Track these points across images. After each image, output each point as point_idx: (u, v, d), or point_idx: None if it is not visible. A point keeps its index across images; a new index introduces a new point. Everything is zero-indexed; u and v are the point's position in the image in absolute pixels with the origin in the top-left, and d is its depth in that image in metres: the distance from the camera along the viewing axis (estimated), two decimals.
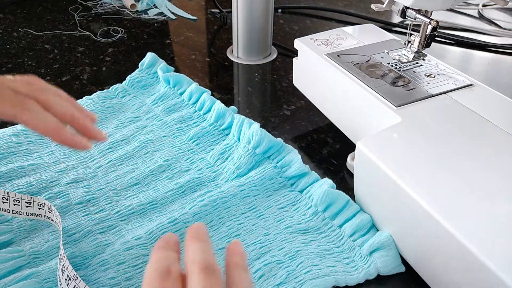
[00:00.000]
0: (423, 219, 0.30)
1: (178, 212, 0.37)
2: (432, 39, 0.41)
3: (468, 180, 0.31)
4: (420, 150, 0.34)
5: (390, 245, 0.34)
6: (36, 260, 0.34)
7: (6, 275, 0.32)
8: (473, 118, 0.36)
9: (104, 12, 0.77)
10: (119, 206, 0.39)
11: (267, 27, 0.61)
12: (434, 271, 0.31)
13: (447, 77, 0.42)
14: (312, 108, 0.51)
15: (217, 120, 0.47)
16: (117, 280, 0.32)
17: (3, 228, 0.36)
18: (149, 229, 0.36)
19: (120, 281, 0.32)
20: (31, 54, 0.63)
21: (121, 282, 0.32)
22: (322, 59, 0.45)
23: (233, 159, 0.43)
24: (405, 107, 0.38)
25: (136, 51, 0.65)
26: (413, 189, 0.31)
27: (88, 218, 0.37)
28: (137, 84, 0.55)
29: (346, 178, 0.43)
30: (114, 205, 0.39)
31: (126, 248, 0.34)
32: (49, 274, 0.32)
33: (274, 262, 0.34)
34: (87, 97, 0.52)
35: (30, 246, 0.35)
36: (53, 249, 0.35)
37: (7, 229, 0.36)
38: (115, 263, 0.33)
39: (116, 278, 0.32)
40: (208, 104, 0.49)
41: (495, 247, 0.27)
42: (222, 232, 0.36)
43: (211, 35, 0.71)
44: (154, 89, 0.54)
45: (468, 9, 0.79)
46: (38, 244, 0.35)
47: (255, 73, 0.61)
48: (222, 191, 0.39)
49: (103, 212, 0.38)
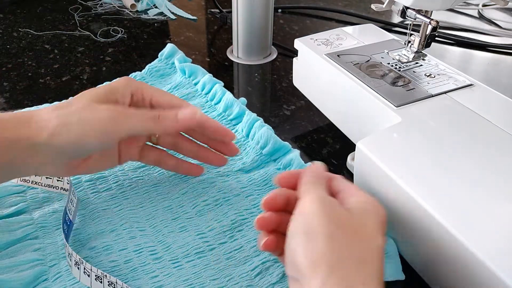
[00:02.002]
0: (423, 219, 0.30)
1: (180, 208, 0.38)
2: (432, 39, 0.41)
3: (468, 180, 0.31)
4: (420, 150, 0.34)
5: (392, 251, 0.33)
6: (43, 229, 0.36)
7: (14, 243, 0.34)
8: (473, 118, 0.36)
9: (104, 12, 0.77)
10: (125, 186, 0.40)
11: (267, 27, 0.61)
12: (436, 273, 0.31)
13: (447, 77, 0.42)
14: (312, 108, 0.51)
15: (225, 110, 0.49)
16: (117, 263, 0.34)
17: (17, 199, 0.38)
18: (153, 223, 0.37)
19: (120, 263, 0.34)
20: (31, 54, 0.63)
21: (120, 264, 0.33)
22: (322, 59, 0.45)
23: (239, 154, 0.44)
24: (405, 107, 0.38)
25: (136, 51, 0.65)
26: (413, 189, 0.31)
27: (96, 195, 0.39)
28: (156, 73, 0.57)
29: (346, 178, 0.43)
30: (120, 184, 0.40)
31: (130, 237, 0.35)
32: (53, 249, 0.34)
33: (272, 261, 0.34)
34: (107, 83, 0.53)
35: (39, 214, 0.37)
36: (59, 220, 0.36)
37: (21, 200, 0.38)
38: (118, 248, 0.34)
39: (116, 261, 0.34)
40: (219, 94, 0.50)
41: (496, 248, 0.27)
42: (225, 226, 0.36)
43: (211, 35, 0.71)
44: (171, 79, 0.56)
45: (468, 9, 0.79)
46: (47, 213, 0.37)
47: (255, 73, 0.61)
48: (224, 192, 0.39)
49: (110, 191, 0.40)
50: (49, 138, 0.30)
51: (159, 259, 0.34)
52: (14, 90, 0.55)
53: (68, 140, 0.31)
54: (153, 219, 0.37)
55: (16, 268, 0.32)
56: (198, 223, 0.37)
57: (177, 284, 0.32)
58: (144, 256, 0.34)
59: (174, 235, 0.36)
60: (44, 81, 0.57)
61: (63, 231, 0.34)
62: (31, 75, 0.58)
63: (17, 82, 0.57)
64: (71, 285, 0.31)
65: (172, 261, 0.34)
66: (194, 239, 0.35)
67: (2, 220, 0.36)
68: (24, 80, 0.57)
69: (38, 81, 0.57)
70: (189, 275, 0.33)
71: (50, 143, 0.30)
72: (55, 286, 0.32)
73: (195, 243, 0.35)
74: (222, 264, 0.33)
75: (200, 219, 0.37)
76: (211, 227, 0.36)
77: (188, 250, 0.34)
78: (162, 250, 0.34)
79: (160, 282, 0.32)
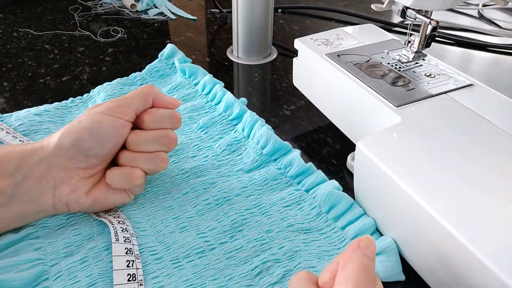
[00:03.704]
0: (423, 219, 0.30)
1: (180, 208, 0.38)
2: (432, 39, 0.41)
3: (468, 180, 0.31)
4: (420, 150, 0.34)
5: (393, 251, 0.33)
6: (44, 229, 0.36)
7: (15, 242, 0.34)
8: (473, 118, 0.36)
9: (104, 12, 0.77)
10: None
11: (267, 27, 0.61)
12: (436, 274, 0.31)
13: (447, 77, 0.42)
14: (312, 108, 0.51)
15: (226, 110, 0.49)
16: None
17: None
18: (154, 223, 0.37)
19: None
20: (31, 54, 0.63)
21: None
22: (322, 59, 0.45)
23: (240, 154, 0.44)
24: (405, 107, 0.38)
25: (136, 51, 0.65)
26: (414, 189, 0.31)
27: None
28: (156, 73, 0.57)
29: (346, 178, 0.43)
30: None
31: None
32: (54, 248, 0.34)
33: (273, 261, 0.34)
34: (107, 83, 0.54)
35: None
36: (60, 220, 0.37)
37: None
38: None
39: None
40: (219, 95, 0.50)
41: (497, 248, 0.27)
42: (226, 225, 0.36)
43: (211, 35, 0.71)
44: (171, 79, 0.56)
45: (468, 9, 0.79)
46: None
47: (255, 73, 0.61)
48: (225, 192, 0.39)
49: None
50: (57, 141, 0.34)
51: (159, 259, 0.34)
52: (14, 90, 0.55)
53: (70, 139, 0.34)
54: (153, 219, 0.37)
55: (17, 267, 0.32)
56: (199, 223, 0.37)
57: (178, 285, 0.32)
58: (144, 256, 0.34)
59: (175, 235, 0.36)
60: (44, 81, 0.57)
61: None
62: (31, 75, 0.58)
63: (17, 82, 0.57)
64: (71, 284, 0.32)
65: (173, 261, 0.34)
66: (195, 239, 0.35)
67: None
68: (24, 80, 0.57)
69: (38, 81, 0.57)
70: (189, 275, 0.33)
71: (57, 146, 0.34)
72: (55, 285, 0.32)
73: (196, 243, 0.35)
74: (222, 264, 0.34)
75: (201, 219, 0.37)
76: (211, 227, 0.36)
77: (188, 250, 0.34)
78: (162, 250, 0.34)
79: (160, 282, 0.32)
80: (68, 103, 0.50)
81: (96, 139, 0.34)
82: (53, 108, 0.49)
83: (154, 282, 0.32)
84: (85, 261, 0.33)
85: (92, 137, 0.34)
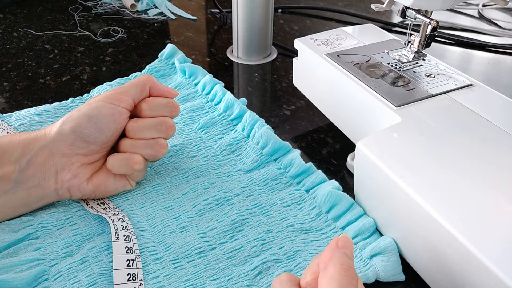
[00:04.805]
0: (423, 219, 0.30)
1: (180, 208, 0.38)
2: (432, 39, 0.41)
3: (469, 180, 0.31)
4: (420, 150, 0.34)
5: (393, 251, 0.33)
6: (44, 229, 0.36)
7: (15, 243, 0.34)
8: (473, 118, 0.36)
9: (104, 12, 0.77)
10: None
11: (267, 27, 0.61)
12: (436, 274, 0.31)
13: (447, 77, 0.42)
14: (312, 108, 0.51)
15: (226, 110, 0.49)
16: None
17: None
18: (154, 223, 0.37)
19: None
20: (31, 54, 0.63)
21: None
22: (322, 59, 0.45)
23: (240, 154, 0.44)
24: (405, 107, 0.38)
25: (136, 51, 0.65)
26: (414, 189, 0.31)
27: None
28: (156, 73, 0.57)
29: (346, 178, 0.43)
30: None
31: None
32: (54, 249, 0.34)
33: (273, 261, 0.34)
34: (107, 83, 0.54)
35: (40, 215, 0.37)
36: (59, 220, 0.36)
37: None
38: None
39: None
40: (219, 95, 0.50)
41: (497, 248, 0.27)
42: (226, 225, 0.36)
43: (211, 35, 0.72)
44: (171, 79, 0.56)
45: (468, 9, 0.79)
46: (48, 213, 0.37)
47: (255, 73, 0.61)
48: (225, 192, 0.39)
49: None
50: (59, 128, 0.35)
51: (159, 259, 0.34)
52: (14, 90, 0.55)
53: (70, 126, 0.35)
54: (153, 219, 0.37)
55: (17, 268, 0.32)
56: (199, 223, 0.37)
57: (178, 285, 0.32)
58: (144, 256, 0.34)
59: (175, 235, 0.36)
60: (44, 81, 0.57)
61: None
62: (31, 75, 0.58)
63: (17, 82, 0.57)
64: (71, 284, 0.32)
65: (173, 261, 0.34)
66: (195, 239, 0.35)
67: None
68: (24, 80, 0.57)
69: (38, 81, 0.57)
70: (189, 275, 0.33)
71: (58, 132, 0.35)
72: (55, 285, 0.32)
73: (196, 243, 0.35)
74: (222, 264, 0.34)
75: (201, 219, 0.37)
76: (211, 227, 0.36)
77: (188, 250, 0.34)
78: (162, 250, 0.34)
79: (160, 283, 0.32)
80: (68, 103, 0.50)
81: (95, 125, 0.35)
82: (53, 108, 0.49)
83: (154, 282, 0.32)
84: (85, 261, 0.33)
85: (91, 123, 0.35)
